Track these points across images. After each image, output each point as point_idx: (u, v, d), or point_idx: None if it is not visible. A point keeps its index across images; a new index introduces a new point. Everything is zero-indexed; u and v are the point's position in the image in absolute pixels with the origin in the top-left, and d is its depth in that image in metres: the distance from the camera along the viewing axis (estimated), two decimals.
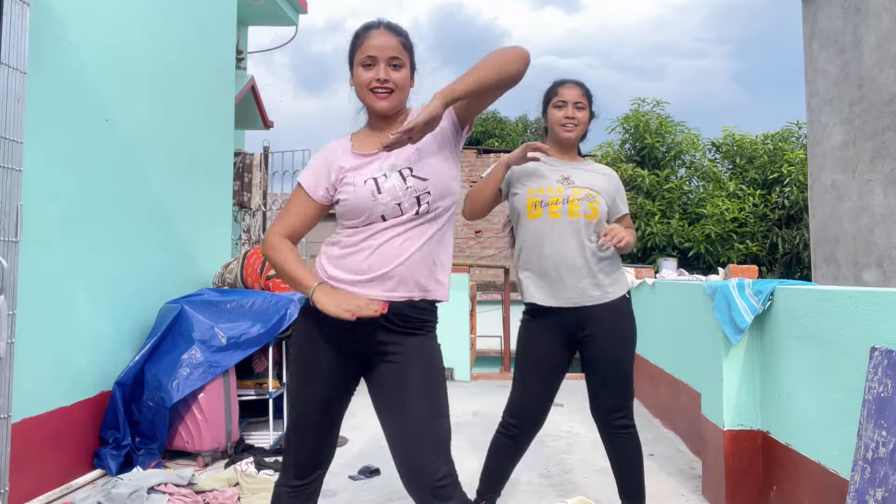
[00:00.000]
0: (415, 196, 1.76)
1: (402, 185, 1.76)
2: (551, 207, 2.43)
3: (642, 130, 11.37)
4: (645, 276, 6.03)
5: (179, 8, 4.46)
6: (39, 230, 3.05)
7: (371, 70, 1.80)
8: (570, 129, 2.50)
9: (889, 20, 5.52)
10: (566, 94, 2.51)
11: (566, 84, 2.55)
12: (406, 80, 1.84)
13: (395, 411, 1.76)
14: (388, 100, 1.81)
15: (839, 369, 2.23)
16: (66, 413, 3.28)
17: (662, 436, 4.45)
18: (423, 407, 1.74)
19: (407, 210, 1.76)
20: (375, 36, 1.82)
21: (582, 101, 2.51)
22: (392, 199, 1.76)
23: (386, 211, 1.76)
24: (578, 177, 2.50)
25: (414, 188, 1.76)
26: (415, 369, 1.76)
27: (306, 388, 1.83)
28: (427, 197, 1.76)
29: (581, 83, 2.56)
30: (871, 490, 1.77)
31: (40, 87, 3.03)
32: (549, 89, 2.59)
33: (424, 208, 1.77)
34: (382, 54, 1.80)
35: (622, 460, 2.53)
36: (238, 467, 3.43)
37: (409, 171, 1.77)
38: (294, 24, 8.36)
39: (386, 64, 1.80)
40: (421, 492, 1.71)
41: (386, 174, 1.78)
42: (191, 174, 4.62)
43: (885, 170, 5.59)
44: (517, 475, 3.52)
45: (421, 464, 1.71)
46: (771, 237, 11.06)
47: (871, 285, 5.66)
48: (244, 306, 3.98)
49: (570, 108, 2.50)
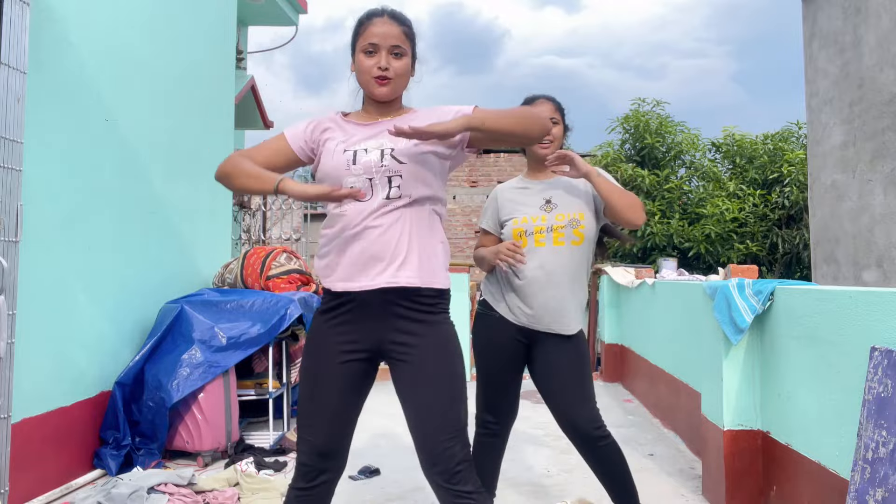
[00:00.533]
0: (387, 176, 1.77)
1: (378, 161, 1.77)
2: (536, 236, 2.43)
3: (642, 130, 11.36)
4: (645, 276, 6.03)
5: (179, 8, 4.46)
6: (39, 230, 3.05)
7: (372, 57, 1.82)
8: (545, 146, 2.49)
9: (889, 20, 5.52)
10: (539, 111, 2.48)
11: (538, 100, 2.54)
12: (406, 68, 1.86)
13: (411, 398, 1.79)
14: (387, 86, 1.83)
15: (839, 369, 2.23)
16: (66, 413, 3.28)
17: (662, 436, 4.45)
18: (436, 394, 1.76)
19: (378, 191, 1.76)
20: (379, 23, 1.84)
21: (555, 117, 2.51)
22: (365, 172, 1.77)
23: (356, 184, 1.76)
24: (560, 197, 2.49)
25: (388, 168, 1.77)
26: (429, 356, 1.78)
27: (317, 387, 1.83)
28: (398, 180, 1.77)
29: (552, 98, 2.56)
30: (871, 490, 1.77)
31: (40, 87, 3.03)
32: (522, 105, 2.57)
33: (395, 192, 1.77)
34: (385, 42, 1.82)
35: (609, 473, 2.47)
36: (238, 467, 3.43)
37: (391, 151, 1.78)
38: (294, 24, 8.37)
39: (388, 52, 1.82)
40: (437, 476, 1.75)
41: (367, 149, 1.79)
42: (191, 174, 4.62)
43: (885, 170, 5.59)
44: (517, 475, 3.52)
45: (436, 449, 1.74)
46: (771, 237, 11.05)
47: (871, 285, 5.66)
48: (244, 306, 3.98)
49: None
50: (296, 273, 4.57)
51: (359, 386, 1.85)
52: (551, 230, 2.43)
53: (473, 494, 1.75)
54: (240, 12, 6.28)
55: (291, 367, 4.43)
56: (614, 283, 6.63)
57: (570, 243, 2.43)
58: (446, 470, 1.74)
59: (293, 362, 4.45)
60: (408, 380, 1.79)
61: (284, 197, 7.87)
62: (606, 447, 2.43)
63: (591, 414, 2.42)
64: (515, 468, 3.62)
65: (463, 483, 1.74)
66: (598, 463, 2.46)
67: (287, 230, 7.63)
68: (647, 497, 3.22)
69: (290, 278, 4.50)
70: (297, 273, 4.58)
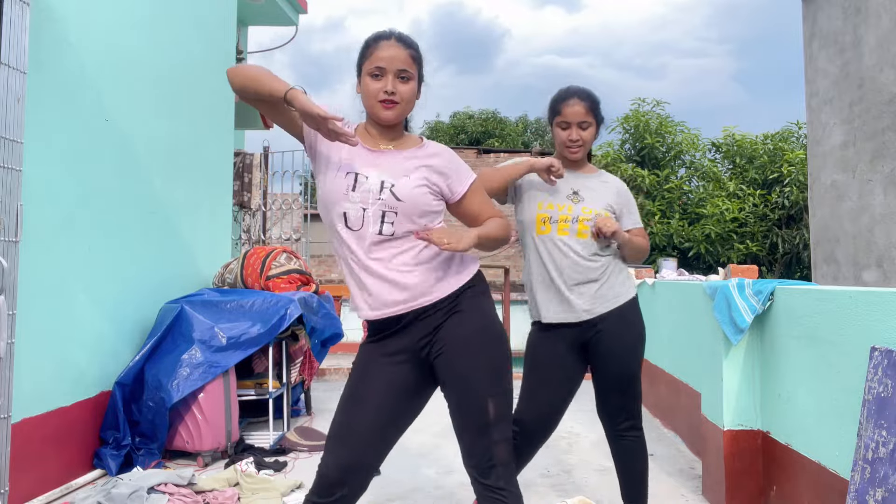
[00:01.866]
0: (381, 210, 1.77)
1: (376, 193, 1.77)
2: (560, 225, 2.41)
3: (642, 130, 11.37)
4: (645, 276, 6.03)
5: (179, 8, 4.46)
6: (39, 230, 3.05)
7: (379, 81, 1.81)
8: (575, 151, 2.45)
9: (889, 20, 5.52)
10: (569, 113, 2.41)
11: (569, 101, 2.43)
12: (413, 92, 1.85)
13: (452, 391, 1.80)
14: (393, 110, 1.82)
15: (839, 369, 2.23)
16: (66, 413, 3.28)
17: (662, 436, 4.45)
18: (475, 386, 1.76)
19: (369, 225, 1.77)
20: (385, 47, 1.82)
21: (587, 120, 2.42)
22: (361, 202, 1.77)
23: (350, 211, 1.77)
24: (588, 193, 2.46)
25: (384, 202, 1.77)
26: (465, 348, 1.78)
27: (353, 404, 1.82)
28: (392, 216, 1.77)
29: (585, 96, 2.44)
30: (871, 490, 1.77)
31: (40, 87, 3.03)
32: (554, 104, 2.49)
33: (388, 229, 1.77)
34: (391, 66, 1.80)
35: (628, 465, 2.52)
36: (238, 467, 3.43)
37: (391, 187, 1.78)
38: (294, 24, 8.36)
39: (394, 76, 1.81)
40: (472, 469, 1.78)
41: (368, 177, 1.79)
42: (191, 174, 4.62)
43: (885, 170, 5.59)
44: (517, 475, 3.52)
45: (473, 443, 1.76)
46: (771, 237, 11.06)
47: (871, 285, 5.66)
48: (244, 306, 3.98)
49: (575, 130, 2.42)
50: (296, 273, 4.57)
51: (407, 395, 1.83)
52: (577, 221, 2.41)
53: (504, 492, 1.75)
54: (240, 12, 6.28)
55: (291, 367, 4.44)
56: None
57: (592, 237, 2.42)
58: (480, 464, 1.75)
59: (293, 362, 4.45)
60: (447, 373, 1.79)
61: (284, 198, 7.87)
62: (633, 441, 2.48)
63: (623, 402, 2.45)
64: None
65: (496, 479, 1.75)
66: (620, 454, 2.51)
67: (287, 230, 7.63)
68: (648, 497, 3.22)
69: (290, 278, 4.50)
70: (297, 273, 4.58)
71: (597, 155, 11.87)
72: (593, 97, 2.47)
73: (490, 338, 1.82)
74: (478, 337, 1.80)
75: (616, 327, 2.43)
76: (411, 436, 4.32)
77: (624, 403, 2.46)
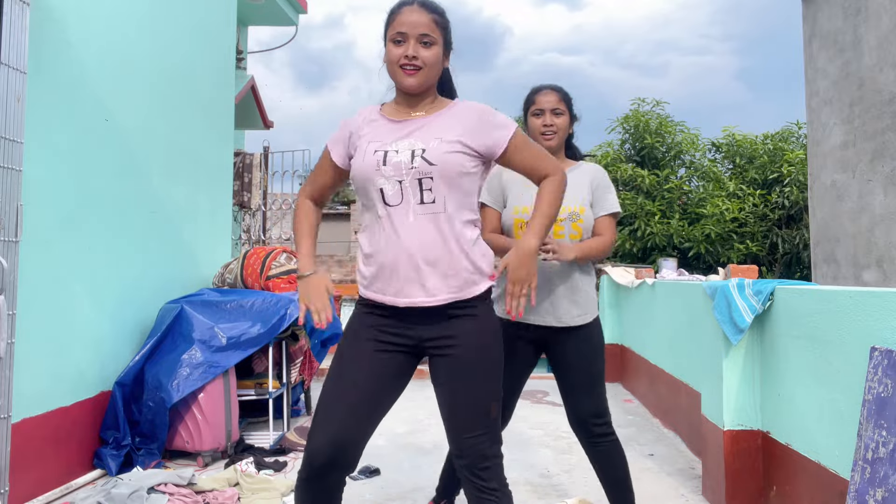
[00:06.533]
0: (417, 178, 1.74)
1: (408, 163, 1.75)
2: None
3: (642, 130, 11.37)
4: (645, 276, 6.04)
5: (179, 8, 4.46)
6: (39, 230, 3.05)
7: (401, 47, 1.80)
8: (549, 137, 2.49)
9: (889, 20, 5.52)
10: (542, 101, 2.50)
11: (542, 91, 2.53)
12: (437, 57, 1.82)
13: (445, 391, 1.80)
14: (415, 76, 1.79)
15: (839, 369, 2.23)
16: (66, 413, 3.28)
17: (662, 436, 4.45)
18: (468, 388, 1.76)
19: (409, 195, 1.74)
20: (407, 12, 1.81)
21: (559, 107, 2.49)
22: (395, 174, 1.75)
23: (386, 186, 1.75)
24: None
25: (419, 169, 1.74)
26: (467, 351, 1.77)
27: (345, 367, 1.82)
28: (430, 182, 1.74)
29: (558, 88, 2.54)
30: (871, 490, 1.77)
31: (40, 87, 3.03)
32: (527, 97, 2.58)
33: (428, 196, 1.74)
34: (413, 31, 1.79)
35: (608, 470, 2.49)
36: (238, 467, 3.43)
37: (422, 152, 1.75)
38: (294, 23, 8.37)
39: (416, 41, 1.79)
40: (464, 469, 1.78)
41: (398, 150, 1.77)
42: (191, 174, 4.62)
43: (885, 170, 5.59)
44: (517, 475, 3.52)
45: (465, 443, 1.76)
46: (771, 237, 11.06)
47: (871, 285, 5.66)
48: (244, 306, 3.98)
49: (548, 115, 2.49)
50: (296, 273, 4.56)
51: (392, 378, 1.82)
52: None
53: (497, 492, 1.76)
54: (240, 12, 6.28)
55: (291, 367, 4.43)
56: (614, 283, 6.63)
57: (569, 237, 2.44)
58: (472, 464, 1.75)
59: (293, 362, 4.45)
60: (443, 374, 1.79)
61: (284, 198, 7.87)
62: (608, 445, 2.44)
63: (597, 408, 2.43)
64: (515, 468, 3.62)
65: (488, 479, 1.75)
66: (598, 460, 2.48)
67: (287, 230, 7.64)
68: (647, 497, 3.22)
69: (290, 278, 4.50)
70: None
71: (596, 155, 11.87)
72: (566, 91, 2.56)
73: (495, 341, 1.82)
74: (483, 343, 1.79)
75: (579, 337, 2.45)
76: (411, 436, 4.33)
77: (592, 407, 2.44)
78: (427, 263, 1.74)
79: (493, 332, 1.83)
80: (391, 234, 1.76)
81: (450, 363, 1.78)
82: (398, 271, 1.75)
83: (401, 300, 1.76)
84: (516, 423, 4.53)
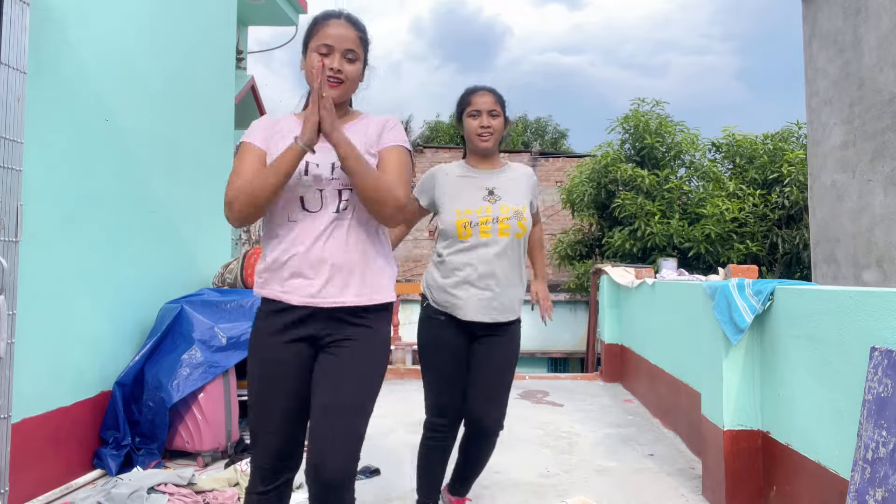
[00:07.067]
0: (337, 189, 1.79)
1: (329, 174, 1.79)
2: (481, 227, 2.47)
3: (642, 130, 11.36)
4: (645, 276, 6.04)
5: (180, 8, 4.46)
6: (39, 230, 3.05)
7: (325, 59, 1.82)
8: (486, 139, 2.52)
9: (889, 20, 5.52)
10: (479, 102, 2.52)
11: (478, 92, 2.56)
12: (358, 73, 1.88)
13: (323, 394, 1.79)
14: (337, 89, 1.83)
15: (839, 369, 2.23)
16: (66, 413, 3.28)
17: (662, 436, 4.45)
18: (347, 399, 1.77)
19: (328, 203, 1.79)
20: (335, 25, 1.84)
21: (496, 109, 2.53)
22: (315, 183, 1.79)
23: (306, 194, 1.79)
24: (502, 189, 2.53)
25: (339, 180, 1.79)
26: (357, 359, 1.81)
27: (268, 385, 1.84)
28: (347, 193, 1.80)
29: (493, 90, 2.58)
30: (871, 490, 1.77)
31: (40, 87, 3.03)
32: (462, 98, 2.60)
33: (344, 205, 1.80)
34: (339, 45, 1.82)
35: (475, 459, 2.63)
36: (238, 467, 3.43)
37: (339, 165, 1.78)
38: (294, 23, 8.37)
39: (341, 55, 1.83)
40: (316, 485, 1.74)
41: (318, 163, 1.80)
42: (191, 174, 4.62)
43: (885, 170, 5.59)
44: (517, 475, 3.52)
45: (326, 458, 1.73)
46: (771, 237, 11.06)
47: (871, 285, 5.66)
48: (244, 306, 3.98)
49: (485, 117, 2.52)
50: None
51: (305, 374, 1.84)
52: (497, 221, 2.47)
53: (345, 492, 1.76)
54: (240, 12, 6.28)
55: None
56: (614, 283, 6.63)
57: (514, 235, 2.48)
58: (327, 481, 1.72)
59: None
60: (326, 372, 1.80)
61: None
62: (493, 441, 2.59)
63: (500, 414, 2.54)
64: (515, 468, 3.62)
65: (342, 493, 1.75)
66: (475, 449, 2.60)
67: None
68: (647, 497, 3.22)
69: None
70: None
71: (596, 155, 11.87)
72: (500, 93, 2.60)
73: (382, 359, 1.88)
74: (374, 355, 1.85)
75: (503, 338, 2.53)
76: (411, 436, 4.32)
77: (497, 412, 2.53)
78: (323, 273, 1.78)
79: (384, 348, 1.89)
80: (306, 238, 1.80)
81: (335, 363, 1.81)
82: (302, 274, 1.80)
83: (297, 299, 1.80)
84: (516, 423, 4.53)
